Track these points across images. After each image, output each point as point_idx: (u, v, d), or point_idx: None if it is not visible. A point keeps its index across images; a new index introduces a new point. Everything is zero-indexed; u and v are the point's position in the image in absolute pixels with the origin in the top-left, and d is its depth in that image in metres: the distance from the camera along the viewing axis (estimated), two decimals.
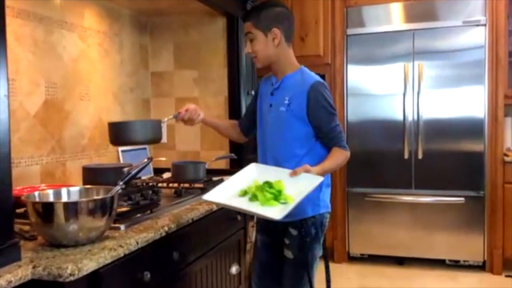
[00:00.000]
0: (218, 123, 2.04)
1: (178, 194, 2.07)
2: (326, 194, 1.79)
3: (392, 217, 3.81)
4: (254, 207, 1.48)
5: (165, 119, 1.89)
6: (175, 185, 2.26)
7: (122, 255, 1.34)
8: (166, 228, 1.58)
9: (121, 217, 1.57)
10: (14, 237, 1.20)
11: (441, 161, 3.66)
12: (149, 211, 1.73)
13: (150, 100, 3.02)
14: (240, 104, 2.79)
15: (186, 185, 2.23)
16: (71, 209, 1.30)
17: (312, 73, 1.75)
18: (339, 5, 3.82)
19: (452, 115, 3.63)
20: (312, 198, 1.65)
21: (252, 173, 1.65)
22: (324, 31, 3.84)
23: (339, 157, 1.70)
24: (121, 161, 2.62)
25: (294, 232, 1.72)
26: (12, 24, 1.94)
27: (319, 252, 1.77)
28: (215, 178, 2.44)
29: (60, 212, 1.28)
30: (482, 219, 3.60)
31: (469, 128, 3.60)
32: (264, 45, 1.69)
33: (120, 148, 2.67)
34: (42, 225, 1.31)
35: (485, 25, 3.50)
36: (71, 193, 1.50)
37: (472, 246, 3.63)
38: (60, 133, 2.22)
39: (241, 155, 2.73)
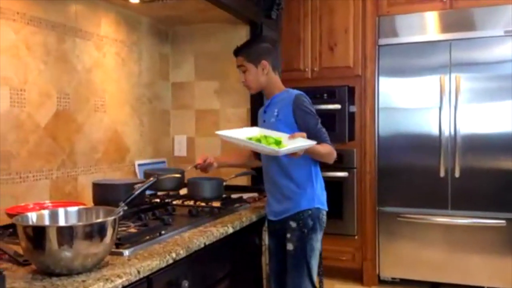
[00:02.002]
0: (232, 162, 2.26)
1: (193, 213, 1.92)
2: (322, 194, 2.00)
3: (426, 239, 3.56)
4: (260, 144, 1.73)
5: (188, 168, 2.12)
6: (191, 202, 2.11)
7: (120, 287, 1.19)
8: (173, 255, 1.43)
9: (125, 241, 1.43)
10: None
11: (480, 180, 3.39)
12: (158, 234, 1.57)
13: (170, 112, 2.90)
14: None
15: (203, 203, 2.08)
16: (65, 234, 1.16)
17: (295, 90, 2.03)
18: (370, 13, 3.63)
19: (492, 131, 3.36)
20: (306, 194, 1.93)
21: (255, 130, 1.90)
22: (354, 40, 3.65)
23: (327, 147, 1.90)
24: (138, 176, 2.50)
25: (293, 224, 1.92)
26: (22, 31, 1.85)
27: (317, 244, 1.95)
28: (234, 196, 2.29)
29: (52, 237, 1.15)
30: None
31: (510, 145, 3.32)
32: (255, 75, 2.00)
33: (137, 162, 2.55)
34: (32, 251, 1.18)
35: None
36: (68, 214, 1.36)
37: None
38: (71, 146, 2.11)
39: (262, 172, 2.56)
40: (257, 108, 2.57)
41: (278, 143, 1.74)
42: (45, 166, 1.96)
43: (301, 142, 1.72)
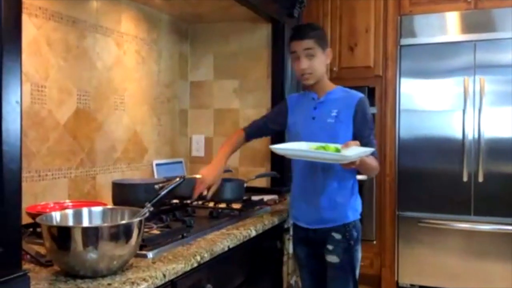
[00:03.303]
0: (229, 156, 2.04)
1: (214, 215, 1.86)
2: (359, 202, 1.91)
3: (447, 245, 3.46)
4: (327, 152, 1.60)
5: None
6: (211, 204, 2.06)
7: None
8: (198, 258, 1.37)
9: (149, 243, 1.38)
10: (21, 268, 1.02)
11: (505, 185, 3.29)
12: (181, 236, 1.52)
13: (188, 112, 2.85)
14: None
15: (223, 205, 2.02)
16: (91, 235, 1.12)
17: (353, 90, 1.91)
18: (392, 13, 3.55)
19: None
20: (350, 204, 1.84)
21: (303, 144, 1.75)
22: (375, 40, 3.58)
23: (374, 162, 1.79)
24: (155, 175, 2.45)
25: (338, 236, 1.81)
26: (44, 27, 1.82)
27: (360, 255, 1.87)
28: (254, 198, 2.23)
29: (78, 238, 1.10)
30: None
31: None
32: (321, 62, 1.83)
33: (155, 162, 2.50)
34: (57, 251, 1.14)
35: None
36: (92, 214, 1.32)
37: None
38: (91, 144, 2.07)
39: (283, 173, 2.50)
40: None
41: (338, 151, 1.62)
42: (64, 165, 1.92)
43: (360, 149, 1.63)
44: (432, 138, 3.47)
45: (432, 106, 3.49)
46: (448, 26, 3.47)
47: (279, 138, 2.23)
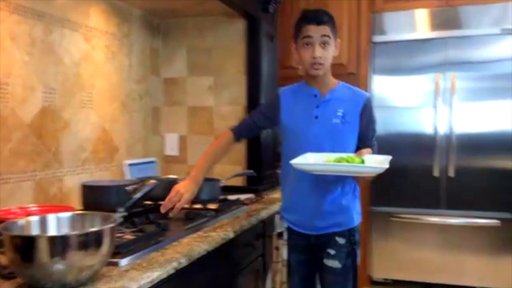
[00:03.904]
0: (211, 165, 1.90)
1: (190, 217, 1.80)
2: (360, 205, 1.85)
3: (420, 239, 3.51)
4: (364, 166, 1.50)
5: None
6: (186, 205, 1.99)
7: None
8: (175, 264, 1.31)
9: (121, 249, 1.31)
10: None
11: (475, 180, 3.35)
12: (155, 241, 1.46)
13: (161, 109, 2.77)
14: None
15: (199, 206, 1.96)
16: (58, 244, 1.04)
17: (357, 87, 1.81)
18: (365, 9, 3.55)
19: (488, 130, 3.33)
20: (354, 207, 1.76)
21: (319, 156, 1.61)
22: (348, 37, 3.56)
23: None
24: (127, 176, 2.36)
25: (341, 241, 1.73)
26: (7, 20, 1.71)
27: (359, 259, 1.80)
28: (231, 197, 2.18)
29: (43, 248, 1.02)
30: None
31: (506, 144, 3.29)
32: (332, 53, 1.69)
33: (127, 162, 2.41)
34: (21, 263, 1.05)
35: None
36: (60, 221, 1.24)
37: (506, 273, 3.31)
38: (57, 144, 1.96)
39: (260, 172, 2.46)
40: (254, 106, 2.48)
41: (363, 162, 1.54)
42: (28, 166, 1.82)
43: (385, 157, 1.58)
44: (404, 134, 3.50)
45: (405, 102, 3.52)
46: (418, 24, 3.50)
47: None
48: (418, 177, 3.48)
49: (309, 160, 1.59)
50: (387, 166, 1.44)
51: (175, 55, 2.74)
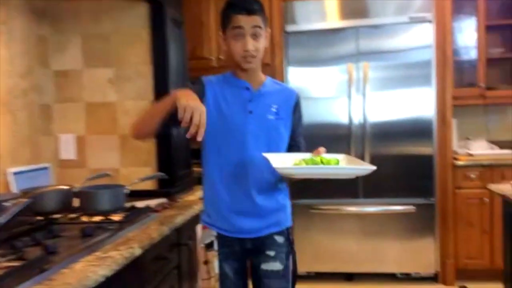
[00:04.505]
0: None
1: (87, 233, 1.51)
2: None
3: (340, 229, 3.51)
4: (345, 167, 1.44)
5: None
6: (84, 218, 1.70)
7: None
8: None
9: None
10: None
11: (389, 167, 3.41)
12: (39, 270, 1.17)
13: (52, 107, 2.39)
14: None
15: (98, 218, 1.68)
16: None
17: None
18: None
19: (400, 118, 3.40)
20: (289, 204, 1.70)
21: (275, 158, 1.43)
22: None
23: None
24: (14, 187, 1.98)
25: (280, 239, 1.63)
26: None
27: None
28: (139, 205, 1.91)
29: None
30: (433, 228, 3.40)
31: (417, 131, 3.40)
32: (264, 44, 1.57)
33: (11, 170, 2.03)
34: None
35: (431, 21, 3.30)
36: None
37: (423, 257, 3.43)
38: None
39: (172, 173, 2.21)
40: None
41: (337, 163, 1.46)
42: None
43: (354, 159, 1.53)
44: (319, 125, 3.46)
45: (320, 93, 3.48)
46: (328, 13, 3.48)
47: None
48: None
49: (282, 163, 1.42)
50: (375, 167, 1.36)
51: (68, 44, 2.38)
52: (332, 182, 3.41)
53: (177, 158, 2.31)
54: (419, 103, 3.37)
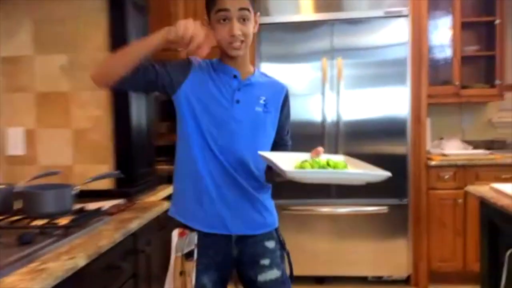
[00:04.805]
0: None
1: (25, 240, 1.31)
2: None
3: (311, 231, 3.39)
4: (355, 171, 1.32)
5: None
6: (25, 222, 1.49)
7: None
8: None
9: None
10: None
11: None
12: None
13: None
14: (128, 101, 2.07)
15: (42, 222, 1.47)
16: None
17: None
18: None
19: (374, 116, 3.31)
20: (273, 204, 1.58)
21: (281, 156, 1.33)
22: None
23: None
24: None
25: (271, 244, 1.51)
26: None
27: None
28: (91, 207, 1.72)
29: None
30: (406, 229, 3.32)
31: (391, 130, 3.31)
32: (253, 29, 1.44)
33: None
34: None
35: (407, 16, 3.21)
36: None
37: (396, 260, 3.34)
38: None
39: (132, 171, 2.03)
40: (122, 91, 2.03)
41: (345, 167, 1.35)
42: None
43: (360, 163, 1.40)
44: (292, 123, 3.25)
45: (292, 90, 3.30)
46: (302, 5, 3.37)
47: None
48: None
49: (285, 165, 1.26)
50: (385, 172, 1.28)
51: (17, 28, 2.15)
52: (304, 183, 3.31)
53: (138, 155, 2.12)
54: (393, 101, 3.29)
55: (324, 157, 1.36)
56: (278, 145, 1.56)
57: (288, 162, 1.29)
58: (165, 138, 3.45)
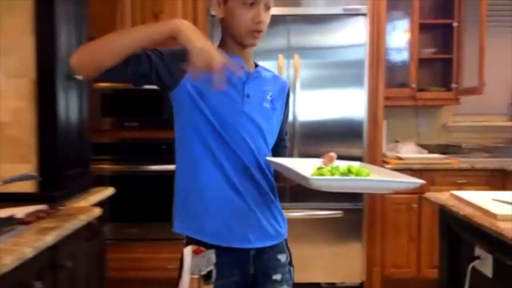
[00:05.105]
0: None
1: None
2: None
3: None
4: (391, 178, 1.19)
5: None
6: None
7: None
8: None
9: None
10: None
11: None
12: None
13: None
14: (55, 92, 1.81)
15: None
16: None
17: None
18: None
19: (330, 117, 3.21)
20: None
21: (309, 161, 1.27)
22: (183, 7, 3.10)
23: None
24: None
25: (283, 258, 1.38)
26: None
27: None
28: (1, 214, 1.45)
29: None
30: (361, 234, 3.24)
31: (348, 132, 3.22)
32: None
33: None
34: None
35: (366, 14, 3.12)
36: None
37: (350, 266, 3.25)
38: None
39: (57, 172, 1.77)
40: (48, 78, 1.77)
41: (368, 175, 1.22)
42: None
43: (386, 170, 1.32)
44: None
45: None
46: None
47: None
48: None
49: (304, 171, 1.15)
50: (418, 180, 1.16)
51: None
52: None
53: (66, 153, 1.87)
54: (350, 103, 3.21)
55: (337, 163, 1.26)
56: (278, 147, 1.43)
57: (303, 168, 1.17)
58: (108, 135, 3.18)
